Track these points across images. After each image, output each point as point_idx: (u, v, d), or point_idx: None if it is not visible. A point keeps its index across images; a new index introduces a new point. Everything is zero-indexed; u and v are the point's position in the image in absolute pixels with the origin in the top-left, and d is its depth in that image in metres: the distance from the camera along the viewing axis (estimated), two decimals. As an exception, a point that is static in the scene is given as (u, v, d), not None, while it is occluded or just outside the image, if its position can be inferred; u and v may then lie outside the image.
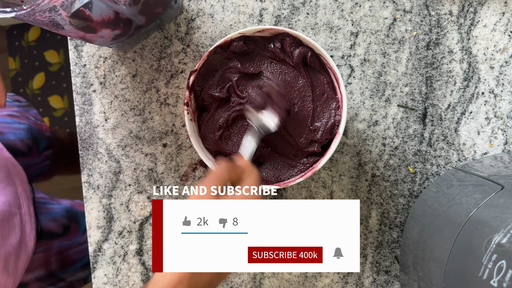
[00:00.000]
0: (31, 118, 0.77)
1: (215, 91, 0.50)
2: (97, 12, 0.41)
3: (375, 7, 0.55)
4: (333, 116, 0.49)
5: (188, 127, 0.49)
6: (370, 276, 0.56)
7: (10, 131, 0.70)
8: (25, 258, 0.61)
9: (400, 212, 0.55)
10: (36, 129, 0.76)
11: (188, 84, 0.49)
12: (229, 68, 0.51)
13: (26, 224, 0.63)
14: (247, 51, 0.50)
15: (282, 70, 0.50)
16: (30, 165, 0.75)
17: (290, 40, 0.48)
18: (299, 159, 0.50)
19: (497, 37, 0.53)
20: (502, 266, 0.31)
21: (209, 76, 0.51)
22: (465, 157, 0.54)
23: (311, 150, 0.49)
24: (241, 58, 0.50)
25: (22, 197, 0.64)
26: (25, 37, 1.59)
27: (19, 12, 0.34)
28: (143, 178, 0.58)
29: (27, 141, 0.72)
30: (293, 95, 0.50)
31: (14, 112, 0.74)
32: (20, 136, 0.71)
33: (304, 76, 0.49)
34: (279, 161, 0.51)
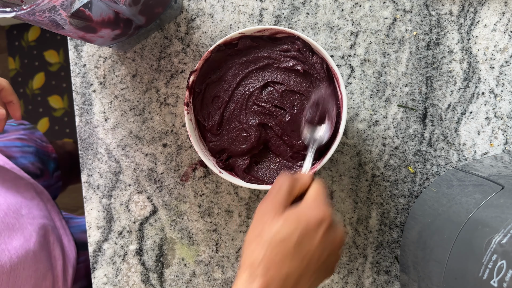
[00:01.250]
0: (37, 141, 0.78)
1: (218, 88, 0.50)
2: (97, 12, 0.41)
3: (375, 7, 0.55)
4: None
5: (188, 127, 0.49)
6: (370, 276, 0.56)
7: (21, 155, 0.70)
8: (71, 270, 0.62)
9: (400, 212, 0.55)
10: (43, 152, 0.77)
11: (188, 84, 0.49)
12: (234, 65, 0.50)
13: (63, 236, 0.64)
14: (253, 47, 0.50)
15: (288, 73, 0.50)
16: (46, 186, 0.76)
17: (302, 43, 0.48)
18: (296, 162, 0.50)
19: (497, 37, 0.53)
20: (502, 266, 0.31)
21: (211, 73, 0.51)
22: (465, 157, 0.54)
23: None
24: (244, 56, 0.50)
25: (52, 212, 0.64)
26: (25, 37, 1.59)
27: (19, 12, 0.34)
28: (143, 178, 0.58)
29: (37, 164, 0.73)
30: (293, 97, 0.49)
31: (22, 135, 0.75)
32: (30, 159, 0.72)
33: (309, 80, 0.49)
34: (277, 161, 0.51)
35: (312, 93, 0.49)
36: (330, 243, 0.37)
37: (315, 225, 0.36)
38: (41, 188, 0.66)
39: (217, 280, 0.58)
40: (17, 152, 0.70)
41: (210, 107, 0.51)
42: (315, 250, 0.36)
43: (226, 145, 0.51)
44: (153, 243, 0.58)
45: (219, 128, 0.51)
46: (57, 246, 0.61)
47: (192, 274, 0.58)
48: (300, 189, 0.40)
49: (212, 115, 0.51)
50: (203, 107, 0.51)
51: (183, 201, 0.58)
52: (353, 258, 0.56)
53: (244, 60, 0.50)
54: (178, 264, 0.58)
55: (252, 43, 0.49)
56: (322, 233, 0.37)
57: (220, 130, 0.51)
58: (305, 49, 0.48)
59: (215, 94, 0.50)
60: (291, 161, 0.50)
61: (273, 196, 0.38)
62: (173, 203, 0.58)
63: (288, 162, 0.50)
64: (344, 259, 0.56)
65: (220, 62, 0.50)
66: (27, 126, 0.79)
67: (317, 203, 0.38)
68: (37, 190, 0.65)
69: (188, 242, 0.58)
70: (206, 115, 0.51)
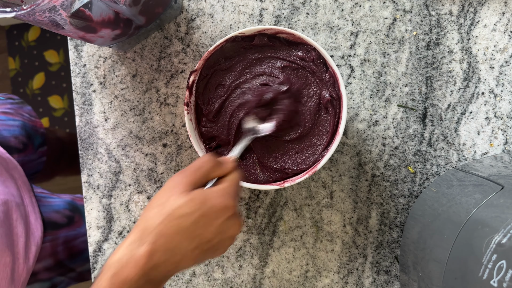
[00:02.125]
0: (25, 115, 0.77)
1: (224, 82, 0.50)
2: (97, 12, 0.41)
3: (375, 7, 0.55)
4: None
5: (188, 127, 0.49)
6: (370, 276, 0.56)
7: (4, 128, 0.70)
8: (34, 248, 0.61)
9: (400, 212, 0.55)
10: (30, 126, 0.76)
11: (188, 84, 0.49)
12: (246, 58, 0.50)
13: (30, 214, 0.63)
14: (268, 46, 0.50)
15: (296, 73, 0.50)
16: (26, 161, 0.75)
17: (316, 54, 0.48)
18: None
19: (497, 37, 0.53)
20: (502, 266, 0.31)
21: (221, 61, 0.50)
22: (465, 157, 0.54)
23: None
24: (259, 52, 0.50)
25: (22, 189, 0.64)
26: (25, 37, 1.59)
27: (19, 12, 0.34)
28: (143, 178, 0.58)
29: (21, 138, 0.72)
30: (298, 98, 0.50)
31: (8, 109, 0.74)
32: (14, 133, 0.71)
33: (315, 86, 0.49)
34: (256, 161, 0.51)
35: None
36: (225, 230, 0.39)
37: (217, 212, 0.38)
38: (14, 164, 0.64)
39: (217, 280, 0.58)
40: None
41: (212, 94, 0.51)
42: (209, 234, 0.37)
43: (217, 133, 0.51)
44: (153, 243, 0.58)
45: (216, 115, 0.50)
46: (21, 223, 0.59)
47: (192, 274, 0.58)
48: (218, 174, 0.41)
49: (212, 101, 0.51)
50: (205, 91, 0.51)
51: (183, 201, 0.58)
52: (353, 258, 0.56)
53: (257, 56, 0.50)
54: (178, 264, 0.58)
55: (269, 42, 0.49)
56: (221, 221, 0.38)
57: (216, 118, 0.51)
58: (319, 61, 0.48)
59: (220, 82, 0.50)
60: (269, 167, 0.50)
61: (190, 172, 0.39)
62: (173, 203, 0.58)
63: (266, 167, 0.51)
64: (344, 259, 0.56)
65: (233, 53, 0.50)
66: (15, 100, 0.78)
67: (226, 193, 0.39)
68: (9, 166, 0.63)
69: (188, 242, 0.58)
70: (207, 100, 0.51)
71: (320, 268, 0.57)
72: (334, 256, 0.56)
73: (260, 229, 0.57)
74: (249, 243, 0.57)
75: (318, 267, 0.57)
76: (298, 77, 0.49)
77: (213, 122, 0.51)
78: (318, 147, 0.49)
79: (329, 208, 0.56)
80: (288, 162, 0.50)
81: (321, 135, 0.49)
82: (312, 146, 0.49)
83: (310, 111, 0.49)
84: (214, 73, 0.50)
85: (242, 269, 0.57)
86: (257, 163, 0.51)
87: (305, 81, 0.49)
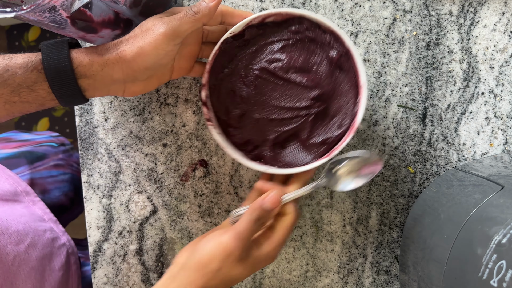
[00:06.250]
0: (73, 165, 0.77)
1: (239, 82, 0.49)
2: (97, 12, 0.41)
3: (375, 7, 0.55)
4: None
5: (221, 141, 0.47)
6: (370, 276, 0.56)
7: (56, 187, 0.71)
8: None
9: (400, 212, 0.55)
10: (77, 178, 0.77)
11: (202, 100, 0.48)
12: (244, 55, 0.49)
13: None
14: (259, 35, 0.49)
15: (300, 52, 0.48)
16: (71, 218, 0.77)
17: (308, 22, 0.47)
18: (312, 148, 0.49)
19: (497, 37, 0.53)
20: (502, 266, 0.31)
21: (224, 67, 0.49)
22: (465, 157, 0.54)
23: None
24: (253, 45, 0.49)
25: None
26: (25, 37, 1.59)
27: (19, 12, 0.34)
28: (143, 178, 0.58)
29: (70, 194, 0.73)
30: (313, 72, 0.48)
31: (60, 160, 0.74)
32: (64, 189, 0.72)
33: (319, 51, 0.48)
34: (300, 145, 0.50)
35: None
36: None
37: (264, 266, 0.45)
38: (61, 242, 0.64)
39: (217, 280, 0.58)
40: (51, 184, 0.70)
41: (228, 101, 0.49)
42: None
43: (250, 136, 0.49)
44: (153, 243, 0.58)
45: (240, 120, 0.49)
46: None
47: (192, 274, 0.58)
48: (271, 217, 0.45)
49: (231, 108, 0.49)
50: (220, 102, 0.49)
51: (183, 201, 0.58)
52: (353, 258, 0.56)
53: (254, 49, 0.49)
54: (178, 264, 0.58)
55: (258, 31, 0.48)
56: None
57: (241, 122, 0.49)
58: (313, 28, 0.47)
59: (231, 88, 0.49)
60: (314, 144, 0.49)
61: (244, 236, 0.42)
62: (173, 203, 0.58)
63: (309, 145, 0.49)
64: (344, 259, 0.56)
65: (231, 55, 0.49)
66: (66, 147, 0.79)
67: (277, 251, 0.44)
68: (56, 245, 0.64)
69: (188, 242, 0.58)
70: (225, 109, 0.49)
71: (320, 268, 0.57)
72: (334, 256, 0.56)
73: (260, 229, 0.57)
74: (249, 243, 0.57)
75: (318, 267, 0.57)
76: (299, 50, 0.48)
77: (240, 128, 0.49)
78: (347, 105, 0.48)
79: (329, 208, 0.56)
80: (327, 132, 0.48)
81: (346, 92, 0.48)
82: (342, 107, 0.48)
83: (325, 74, 0.48)
84: (221, 82, 0.49)
85: (242, 269, 0.57)
86: (299, 146, 0.49)
87: (307, 51, 0.48)
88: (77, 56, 0.42)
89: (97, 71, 0.42)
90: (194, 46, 0.48)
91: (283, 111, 0.48)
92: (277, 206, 0.43)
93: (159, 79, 0.47)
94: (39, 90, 0.42)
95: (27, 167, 0.68)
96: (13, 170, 0.66)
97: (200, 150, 0.57)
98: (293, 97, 0.48)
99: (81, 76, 0.42)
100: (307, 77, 0.48)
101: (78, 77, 0.42)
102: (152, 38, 0.42)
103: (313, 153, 0.49)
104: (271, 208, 0.42)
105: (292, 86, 0.48)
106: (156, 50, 0.42)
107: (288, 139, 0.49)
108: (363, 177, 0.46)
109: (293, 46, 0.48)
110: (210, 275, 0.41)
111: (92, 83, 0.43)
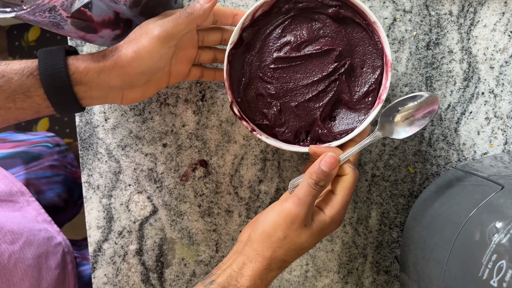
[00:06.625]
0: (67, 167, 0.77)
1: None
2: (97, 12, 0.41)
3: (375, 7, 0.55)
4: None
5: (275, 143, 0.47)
6: (370, 276, 0.56)
7: (49, 188, 0.70)
8: None
9: (400, 212, 0.55)
10: (71, 178, 0.77)
11: (238, 116, 0.48)
12: (252, 58, 0.49)
13: None
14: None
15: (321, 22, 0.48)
16: (66, 219, 0.76)
17: None
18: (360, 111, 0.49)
19: (497, 37, 0.53)
20: (502, 266, 0.31)
21: (241, 79, 0.49)
22: (465, 157, 0.54)
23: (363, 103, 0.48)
24: (255, 46, 0.49)
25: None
26: (25, 37, 1.59)
27: (19, 12, 0.34)
28: (143, 178, 0.58)
29: (63, 195, 0.73)
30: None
31: (54, 161, 0.74)
32: (57, 191, 0.72)
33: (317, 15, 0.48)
34: (347, 111, 0.49)
35: None
36: None
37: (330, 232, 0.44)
38: (56, 241, 0.64)
39: (217, 280, 0.58)
40: (45, 185, 0.70)
41: (260, 106, 0.49)
42: None
43: (296, 126, 0.48)
44: (153, 243, 0.58)
45: (281, 117, 0.48)
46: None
47: (192, 274, 0.58)
48: (331, 180, 0.43)
49: (267, 111, 0.49)
50: (254, 110, 0.49)
51: (183, 201, 0.58)
52: (353, 258, 0.56)
53: (258, 47, 0.49)
54: (178, 264, 0.58)
55: (254, 29, 0.48)
56: None
57: (282, 119, 0.48)
58: None
59: (257, 93, 0.49)
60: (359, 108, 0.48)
61: (305, 203, 0.41)
62: (173, 203, 0.58)
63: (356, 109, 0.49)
64: (344, 259, 0.56)
65: (240, 63, 0.49)
66: (62, 147, 0.79)
67: (341, 215, 0.43)
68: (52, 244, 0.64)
69: (188, 242, 0.58)
70: (261, 114, 0.49)
71: (320, 268, 0.57)
72: (334, 256, 0.56)
73: (260, 229, 0.57)
74: (249, 243, 0.57)
75: (318, 267, 0.57)
76: (299, 24, 0.48)
77: (284, 123, 0.49)
78: (369, 48, 0.47)
79: (329, 208, 0.56)
80: (365, 81, 0.48)
81: (362, 38, 0.48)
82: (366, 53, 0.48)
83: (334, 32, 0.48)
84: (244, 93, 0.49)
85: (242, 269, 0.57)
86: (346, 110, 0.49)
87: (307, 21, 0.48)
88: (73, 63, 0.42)
89: (93, 78, 0.42)
90: (190, 50, 0.48)
91: (315, 86, 0.48)
92: (335, 167, 0.41)
93: (157, 84, 0.47)
94: (35, 96, 0.42)
95: (22, 167, 0.68)
96: (9, 170, 0.66)
97: (200, 150, 0.57)
98: (316, 69, 0.48)
99: (77, 83, 0.42)
100: (319, 44, 0.48)
101: (74, 84, 0.42)
102: (146, 41, 0.42)
103: (363, 108, 0.48)
104: (329, 170, 0.41)
105: (310, 60, 0.48)
106: (151, 53, 0.42)
107: (333, 108, 0.49)
108: (420, 120, 0.45)
109: (292, 24, 0.48)
110: (276, 244, 0.40)
111: (88, 90, 0.43)
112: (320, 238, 0.42)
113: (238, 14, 0.48)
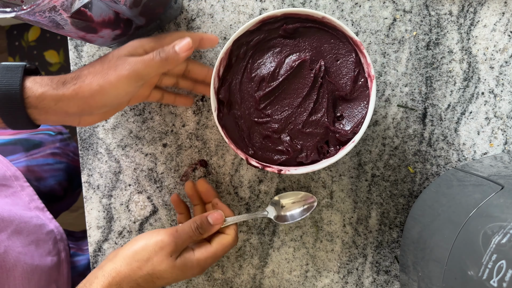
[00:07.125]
0: (69, 155, 0.77)
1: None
2: (97, 12, 0.41)
3: (375, 7, 0.55)
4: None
5: (303, 171, 0.48)
6: (370, 276, 0.56)
7: (51, 175, 0.70)
8: None
9: (400, 212, 0.55)
10: (73, 167, 0.77)
11: (257, 167, 0.48)
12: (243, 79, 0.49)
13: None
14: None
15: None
16: (64, 207, 0.76)
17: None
18: None
19: (497, 37, 0.53)
20: (502, 266, 0.31)
21: (234, 106, 0.49)
22: (465, 157, 0.54)
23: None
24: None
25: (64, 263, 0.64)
26: (25, 37, 1.59)
27: (19, 12, 0.34)
28: (143, 178, 0.58)
29: (64, 184, 0.73)
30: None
31: (57, 149, 0.74)
32: (59, 178, 0.72)
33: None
34: None
35: None
36: None
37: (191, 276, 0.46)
38: (48, 228, 0.64)
39: (217, 280, 0.58)
40: (47, 172, 0.70)
41: (272, 146, 0.49)
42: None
43: (314, 141, 0.49)
44: (153, 243, 0.58)
45: (296, 145, 0.48)
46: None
47: (192, 274, 0.58)
48: (211, 232, 0.48)
49: (281, 148, 0.49)
50: (269, 154, 0.49)
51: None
52: (353, 258, 0.56)
53: (240, 100, 0.49)
54: (178, 264, 0.58)
55: (225, 86, 0.49)
56: None
57: (298, 144, 0.49)
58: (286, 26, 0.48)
59: (261, 137, 0.49)
60: None
61: (180, 239, 0.44)
62: (173, 203, 0.58)
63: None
64: (344, 259, 0.56)
65: (232, 120, 0.49)
66: (64, 135, 0.78)
67: (207, 264, 0.45)
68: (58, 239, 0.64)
69: (188, 242, 0.58)
70: (278, 153, 0.49)
71: (320, 268, 0.57)
72: (334, 256, 0.56)
73: (260, 229, 0.57)
74: (249, 243, 0.57)
75: (318, 267, 0.57)
76: (262, 54, 0.49)
77: (302, 150, 0.49)
78: (342, 48, 0.48)
79: (329, 208, 0.56)
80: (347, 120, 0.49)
81: (334, 43, 0.48)
82: (340, 56, 0.48)
83: (308, 44, 0.49)
84: (251, 143, 0.49)
85: (242, 269, 0.57)
86: (344, 102, 0.49)
87: (269, 48, 0.49)
88: (30, 87, 0.40)
89: (50, 105, 0.41)
90: (154, 77, 0.49)
91: (307, 100, 0.48)
92: (219, 223, 0.47)
93: (116, 110, 0.48)
94: None
95: (23, 154, 0.68)
96: (9, 157, 0.66)
97: (200, 150, 0.57)
98: (300, 85, 0.49)
99: (31, 107, 0.41)
100: (288, 64, 0.48)
101: (28, 107, 0.40)
102: (113, 78, 0.41)
103: (361, 93, 0.48)
104: (214, 223, 0.46)
105: (289, 81, 0.49)
106: (117, 90, 0.42)
107: (335, 109, 0.49)
108: (307, 208, 0.54)
109: (255, 62, 0.49)
110: (137, 264, 0.42)
111: (43, 114, 0.42)
112: (180, 275, 0.43)
113: (209, 71, 0.50)
